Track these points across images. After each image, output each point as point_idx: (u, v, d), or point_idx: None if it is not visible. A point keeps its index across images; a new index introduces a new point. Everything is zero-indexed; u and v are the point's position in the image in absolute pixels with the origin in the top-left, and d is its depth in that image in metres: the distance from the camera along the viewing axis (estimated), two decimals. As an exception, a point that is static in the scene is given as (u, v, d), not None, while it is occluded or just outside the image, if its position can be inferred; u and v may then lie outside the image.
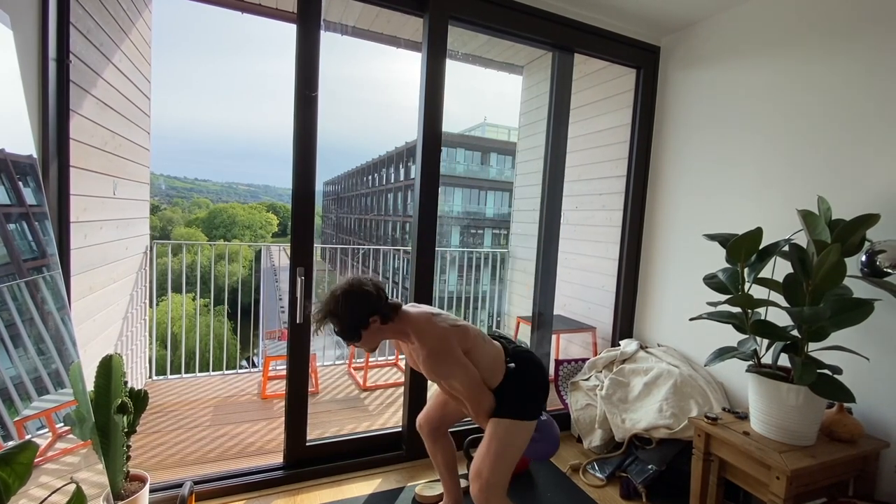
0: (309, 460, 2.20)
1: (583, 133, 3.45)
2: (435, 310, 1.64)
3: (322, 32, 2.00)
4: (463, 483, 1.91)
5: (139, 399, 1.74)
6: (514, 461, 1.54)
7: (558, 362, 2.89)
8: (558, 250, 2.80)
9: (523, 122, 4.40)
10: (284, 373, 2.18)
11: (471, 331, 1.60)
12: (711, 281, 1.85)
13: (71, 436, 1.57)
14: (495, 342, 1.68)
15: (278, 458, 2.24)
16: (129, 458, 1.71)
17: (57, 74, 1.74)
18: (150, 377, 3.47)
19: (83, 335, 2.23)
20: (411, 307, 1.63)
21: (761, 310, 1.71)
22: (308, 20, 1.96)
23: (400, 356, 3.99)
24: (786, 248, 1.71)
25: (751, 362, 1.77)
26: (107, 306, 2.61)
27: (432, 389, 1.99)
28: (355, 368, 3.81)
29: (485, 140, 29.20)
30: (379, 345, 1.59)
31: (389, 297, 1.56)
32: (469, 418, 1.72)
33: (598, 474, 2.31)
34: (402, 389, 3.39)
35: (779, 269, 1.78)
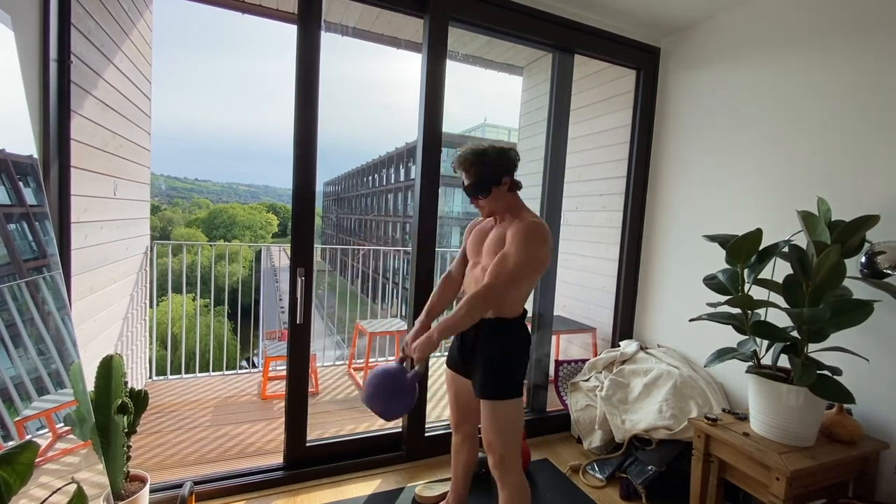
0: (309, 461, 2.20)
1: (583, 134, 3.45)
2: None
3: (322, 33, 2.01)
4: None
5: (139, 399, 1.74)
6: (518, 431, 1.58)
7: (558, 363, 2.89)
8: (558, 251, 2.80)
9: (523, 122, 4.40)
10: (284, 373, 2.18)
11: (546, 267, 1.62)
12: (711, 282, 1.85)
13: (71, 436, 1.57)
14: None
15: (278, 459, 2.24)
16: (129, 458, 1.71)
17: (58, 75, 1.75)
18: (151, 377, 3.47)
19: (83, 335, 2.23)
20: None
21: (761, 311, 1.71)
22: (308, 21, 1.96)
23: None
24: (785, 249, 1.71)
25: (750, 363, 1.77)
26: (107, 306, 2.61)
27: (429, 392, 1.98)
28: (355, 369, 3.81)
29: (485, 141, 29.08)
30: (491, 212, 1.63)
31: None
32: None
33: (598, 475, 2.31)
34: (402, 390, 3.39)
35: (778, 270, 1.78)
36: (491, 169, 1.57)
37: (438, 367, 3.88)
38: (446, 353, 1.88)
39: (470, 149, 1.60)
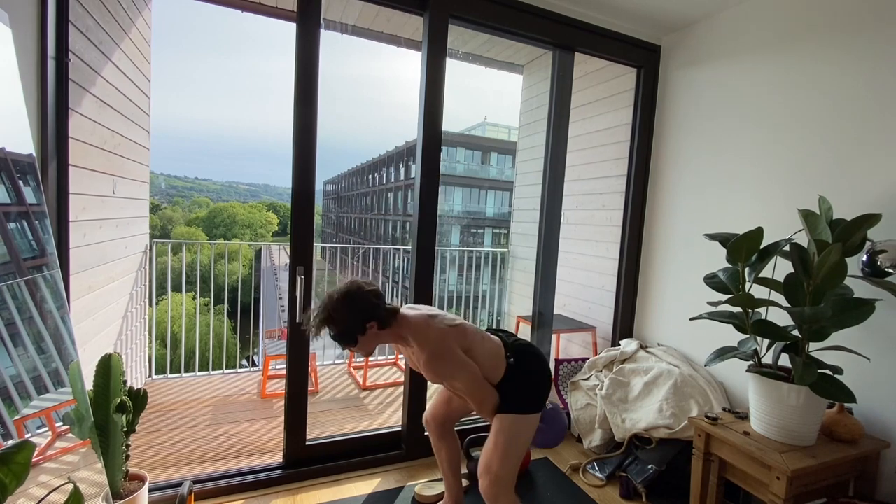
0: (308, 460, 2.20)
1: (583, 132, 3.44)
2: (433, 310, 1.63)
3: (322, 31, 2.00)
4: (463, 482, 1.91)
5: (138, 398, 1.74)
6: (521, 454, 1.54)
7: (558, 362, 2.89)
8: (558, 250, 2.79)
9: (523, 121, 4.39)
10: (284, 372, 2.18)
11: (469, 329, 1.59)
12: (712, 281, 1.84)
13: (70, 435, 1.56)
14: (494, 337, 1.67)
15: (278, 458, 2.24)
16: (128, 457, 1.71)
17: (56, 73, 1.74)
18: (150, 376, 3.47)
19: (82, 334, 2.23)
20: (409, 309, 1.60)
21: (762, 310, 1.70)
22: (308, 19, 1.96)
23: (400, 356, 3.99)
24: (787, 247, 1.71)
25: (751, 362, 1.77)
26: (106, 305, 2.61)
27: (433, 387, 1.98)
28: (355, 368, 3.81)
29: (485, 139, 29.17)
30: (375, 349, 1.58)
31: (387, 301, 1.54)
32: (475, 414, 1.72)
33: (598, 474, 2.31)
34: (401, 389, 3.39)
35: (779, 268, 1.78)
36: (347, 326, 1.46)
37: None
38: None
39: (320, 311, 1.48)
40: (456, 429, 1.88)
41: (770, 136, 2.20)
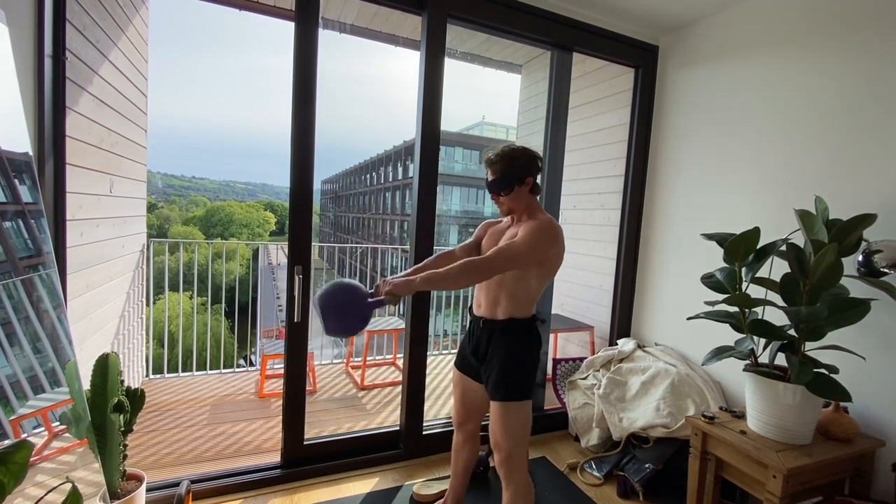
0: (306, 459, 2.20)
1: (581, 132, 3.45)
2: None
3: (320, 30, 1.99)
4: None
5: (135, 398, 1.74)
6: (526, 432, 1.60)
7: (556, 361, 2.90)
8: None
9: (522, 121, 4.39)
10: (282, 371, 2.18)
11: (557, 268, 1.65)
12: (709, 280, 1.85)
13: (67, 434, 1.56)
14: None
15: (276, 457, 2.24)
16: (125, 456, 1.70)
17: (53, 71, 1.73)
18: (147, 376, 3.46)
19: (79, 333, 2.22)
20: None
21: (758, 309, 1.71)
22: (306, 17, 1.95)
23: (398, 355, 3.99)
24: (783, 247, 1.72)
25: (748, 361, 1.77)
26: (103, 304, 2.60)
27: (431, 387, 1.97)
28: (353, 367, 3.81)
29: (483, 139, 29.13)
30: (510, 213, 1.66)
31: None
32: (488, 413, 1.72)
33: (596, 473, 2.32)
34: (399, 388, 3.39)
35: (776, 268, 1.79)
36: (517, 167, 1.61)
37: (437, 366, 3.88)
38: (454, 352, 1.87)
39: (500, 146, 1.65)
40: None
41: (767, 136, 2.21)
